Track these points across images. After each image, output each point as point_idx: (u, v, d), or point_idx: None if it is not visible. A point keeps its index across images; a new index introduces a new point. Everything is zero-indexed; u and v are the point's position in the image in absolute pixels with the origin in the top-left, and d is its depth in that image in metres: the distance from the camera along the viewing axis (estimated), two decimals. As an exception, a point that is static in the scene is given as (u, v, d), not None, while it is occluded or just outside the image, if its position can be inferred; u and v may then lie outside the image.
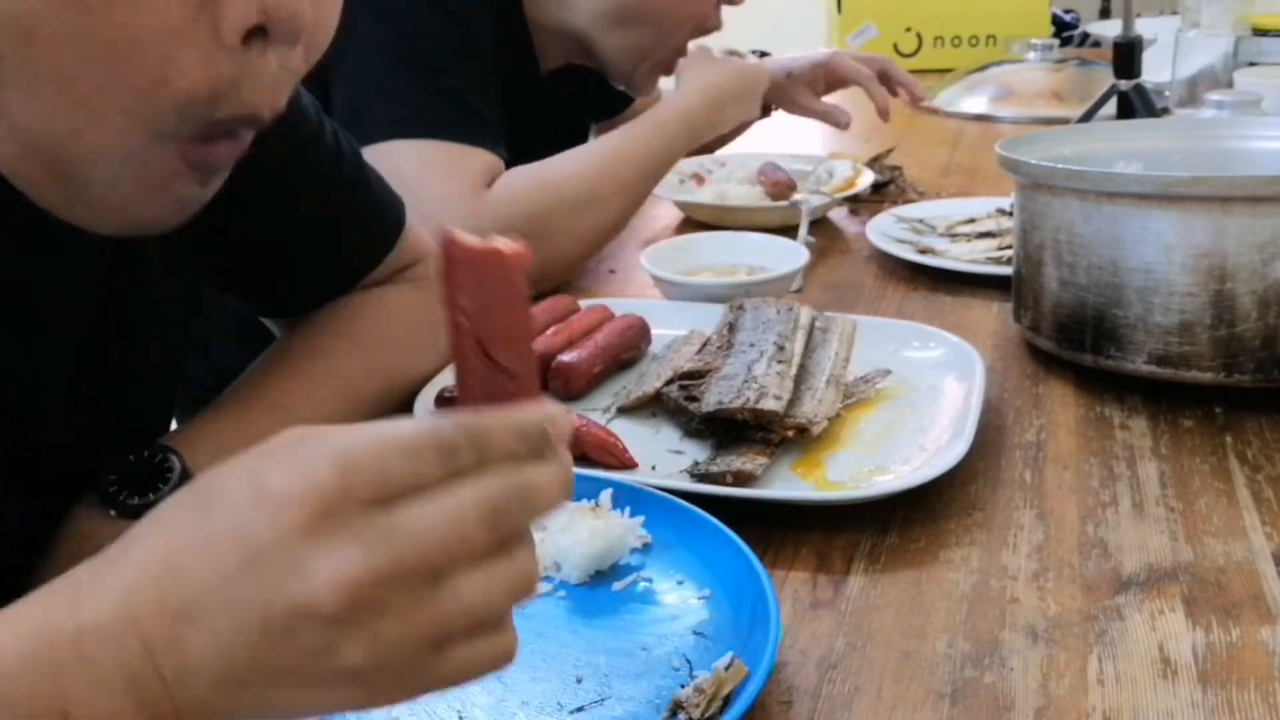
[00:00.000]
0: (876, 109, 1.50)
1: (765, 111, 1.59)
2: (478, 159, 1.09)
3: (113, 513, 0.65)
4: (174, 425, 0.78)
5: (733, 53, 1.40)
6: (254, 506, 0.39)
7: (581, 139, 1.50)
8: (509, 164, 1.12)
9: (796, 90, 1.49)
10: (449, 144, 1.06)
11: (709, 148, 1.40)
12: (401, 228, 0.88)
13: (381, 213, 0.87)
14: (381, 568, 0.38)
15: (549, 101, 1.33)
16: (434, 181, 1.03)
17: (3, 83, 0.47)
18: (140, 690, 0.39)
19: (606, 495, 0.66)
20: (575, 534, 0.62)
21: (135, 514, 0.64)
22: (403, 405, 0.84)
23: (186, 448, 0.68)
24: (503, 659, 0.41)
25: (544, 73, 1.29)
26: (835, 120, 1.47)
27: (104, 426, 0.69)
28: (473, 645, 0.40)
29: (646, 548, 0.64)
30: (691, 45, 1.31)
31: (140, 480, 0.66)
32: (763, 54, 1.58)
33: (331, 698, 0.40)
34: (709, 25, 1.29)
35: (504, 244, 0.48)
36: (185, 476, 0.66)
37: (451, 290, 0.48)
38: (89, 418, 0.67)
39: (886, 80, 1.53)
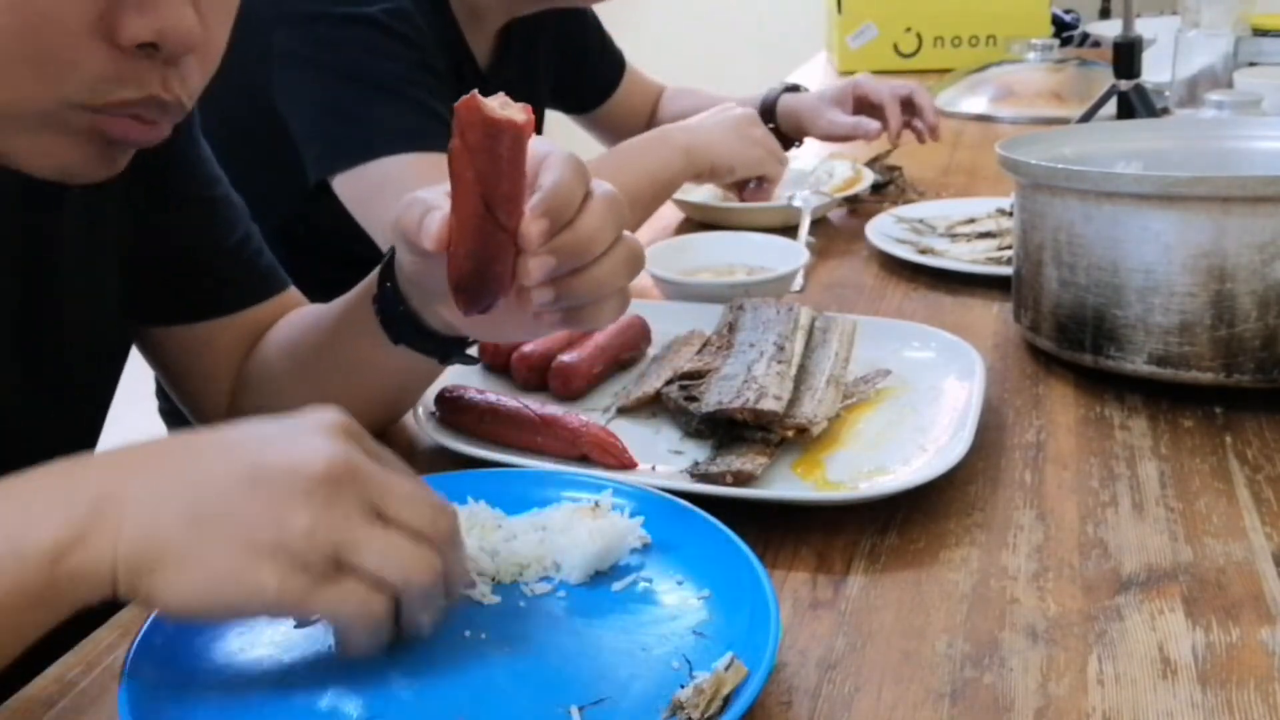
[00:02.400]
0: (889, 133, 1.51)
1: (789, 144, 1.60)
2: None
3: None
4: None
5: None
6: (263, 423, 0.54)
7: (538, 131, 1.50)
8: None
9: (828, 109, 1.51)
10: (431, 154, 1.07)
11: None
12: (284, 288, 0.88)
13: (266, 269, 0.87)
14: (360, 467, 0.51)
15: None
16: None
17: None
18: (94, 503, 0.49)
19: (607, 495, 0.66)
20: (574, 534, 0.62)
21: None
22: (388, 419, 0.84)
23: None
24: (369, 622, 0.51)
25: (482, 68, 1.29)
26: (865, 131, 1.48)
27: (43, 392, 0.70)
28: (358, 588, 0.50)
29: (646, 548, 0.64)
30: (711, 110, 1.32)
31: None
32: (793, 88, 1.59)
33: (253, 562, 0.48)
34: None
35: (518, 115, 0.54)
36: None
37: (468, 150, 0.54)
38: (25, 378, 0.69)
39: (910, 105, 1.53)
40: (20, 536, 0.48)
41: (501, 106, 0.54)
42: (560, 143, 0.62)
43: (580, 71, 1.53)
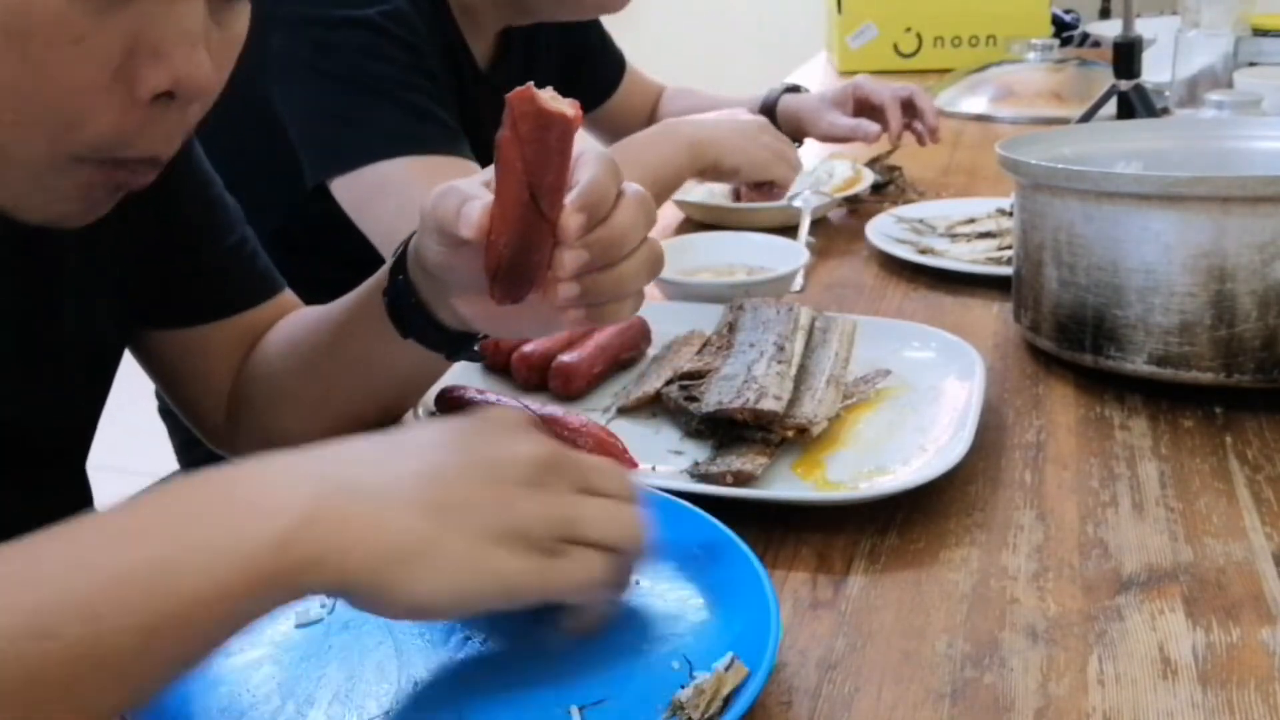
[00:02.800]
0: (889, 134, 1.51)
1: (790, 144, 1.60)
2: (457, 166, 1.10)
3: None
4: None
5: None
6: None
7: None
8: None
9: (828, 111, 1.51)
10: (427, 156, 1.07)
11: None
12: (280, 290, 0.87)
13: (263, 270, 0.87)
14: (567, 454, 0.55)
15: (495, 100, 1.34)
16: (423, 192, 1.04)
17: None
18: (318, 498, 0.47)
19: None
20: None
21: None
22: (387, 418, 0.83)
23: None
24: (604, 584, 0.53)
25: (481, 67, 1.29)
26: (865, 133, 1.48)
27: (34, 407, 0.70)
28: (590, 555, 0.52)
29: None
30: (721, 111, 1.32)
31: None
32: (793, 88, 1.59)
33: (493, 559, 0.49)
34: None
35: (568, 108, 0.55)
36: None
37: (517, 140, 0.56)
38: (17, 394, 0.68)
39: (911, 107, 1.53)
40: (243, 525, 0.46)
41: (551, 99, 0.55)
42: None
43: (581, 72, 1.53)
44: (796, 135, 1.58)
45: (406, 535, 0.48)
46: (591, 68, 1.57)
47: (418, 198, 1.03)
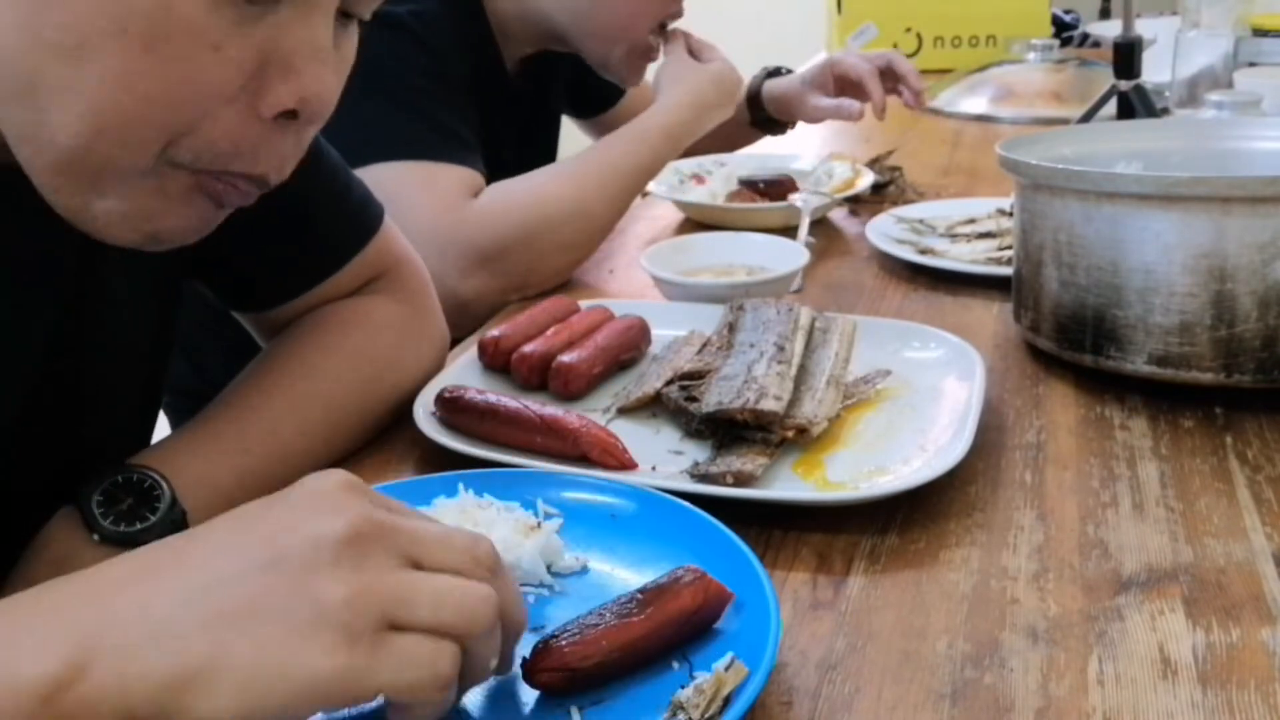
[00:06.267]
0: (873, 106, 1.51)
1: (783, 128, 1.60)
2: (456, 174, 1.10)
3: (96, 537, 0.63)
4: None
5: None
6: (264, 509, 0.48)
7: (553, 135, 1.51)
8: (487, 174, 1.13)
9: (809, 94, 1.51)
10: (426, 163, 1.08)
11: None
12: (378, 228, 0.88)
13: (358, 210, 0.87)
14: (382, 521, 0.46)
15: (518, 101, 1.34)
16: (414, 197, 1.04)
17: (46, 100, 0.52)
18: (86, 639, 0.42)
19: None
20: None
21: (119, 541, 0.63)
22: (388, 417, 0.84)
23: (171, 470, 0.67)
24: (440, 679, 0.45)
25: (510, 72, 1.30)
26: (847, 111, 1.48)
27: (59, 446, 0.68)
28: (421, 640, 0.44)
29: (646, 548, 0.64)
30: (673, 45, 1.32)
31: (124, 501, 0.65)
32: (776, 71, 1.59)
33: (296, 648, 0.43)
34: (672, 8, 1.31)
35: None
36: (173, 505, 0.65)
37: None
38: (44, 435, 0.66)
39: (891, 75, 1.53)
40: (9, 674, 0.41)
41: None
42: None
43: (593, 77, 1.54)
44: (787, 118, 1.58)
45: (183, 656, 0.42)
46: (600, 75, 1.58)
47: (410, 204, 1.04)
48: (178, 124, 0.53)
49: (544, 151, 1.49)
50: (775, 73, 1.59)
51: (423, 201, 1.06)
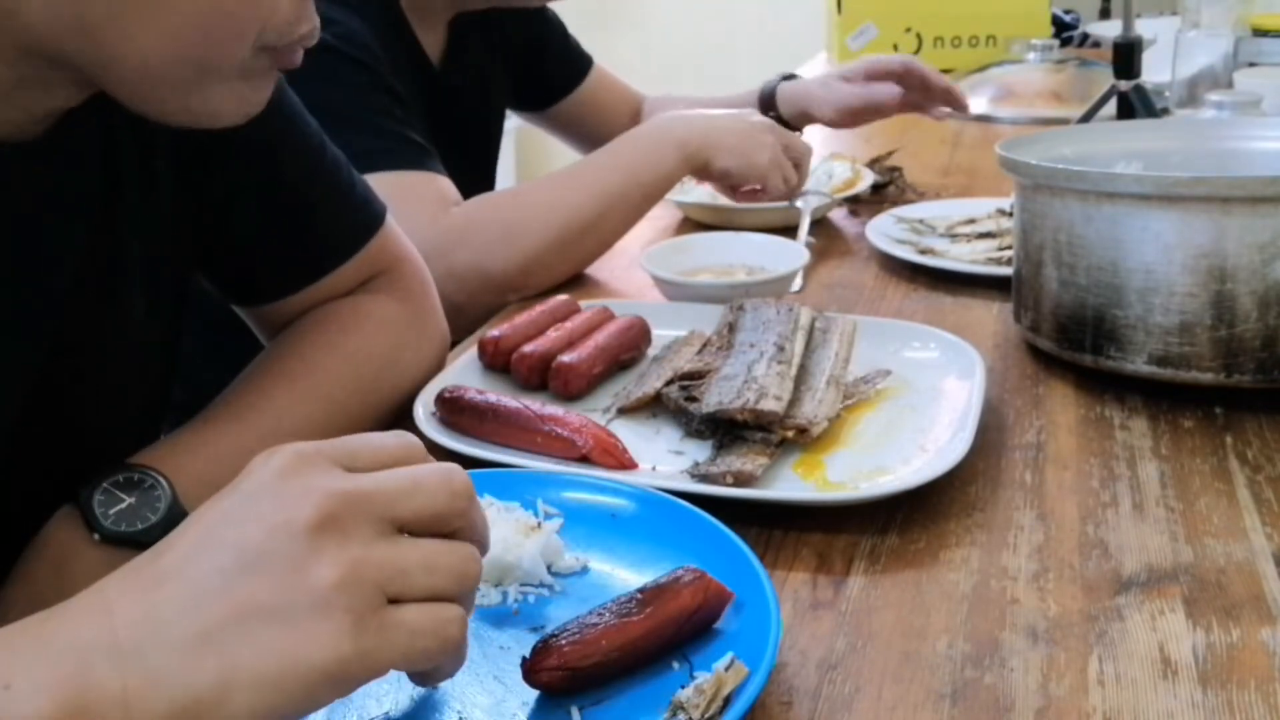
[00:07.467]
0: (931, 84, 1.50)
1: (793, 130, 1.59)
2: (432, 182, 1.11)
3: (96, 536, 0.63)
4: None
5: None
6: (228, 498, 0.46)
7: (494, 129, 1.50)
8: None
9: (836, 85, 1.51)
10: (397, 173, 1.08)
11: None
12: (380, 226, 0.89)
13: (361, 207, 0.88)
14: (349, 491, 0.45)
15: (453, 98, 1.34)
16: (396, 208, 1.04)
17: (136, 22, 0.57)
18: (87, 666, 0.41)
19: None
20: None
21: (120, 540, 0.63)
22: (388, 417, 0.84)
23: (171, 469, 0.67)
24: (451, 641, 0.45)
25: (436, 68, 1.30)
26: (884, 95, 1.48)
27: (60, 445, 0.68)
28: (425, 609, 0.44)
29: (646, 548, 0.64)
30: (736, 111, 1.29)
31: (125, 501, 0.65)
32: (790, 76, 1.59)
33: (302, 641, 0.41)
34: None
35: None
36: (174, 504, 0.65)
37: None
38: (45, 434, 0.66)
39: (925, 88, 1.52)
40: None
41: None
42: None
43: (537, 69, 1.54)
44: (801, 120, 1.57)
45: (189, 684, 0.40)
46: (550, 65, 1.57)
47: (393, 214, 1.04)
48: (264, 11, 0.60)
49: (481, 150, 1.47)
50: (790, 78, 1.59)
51: (406, 210, 1.06)
